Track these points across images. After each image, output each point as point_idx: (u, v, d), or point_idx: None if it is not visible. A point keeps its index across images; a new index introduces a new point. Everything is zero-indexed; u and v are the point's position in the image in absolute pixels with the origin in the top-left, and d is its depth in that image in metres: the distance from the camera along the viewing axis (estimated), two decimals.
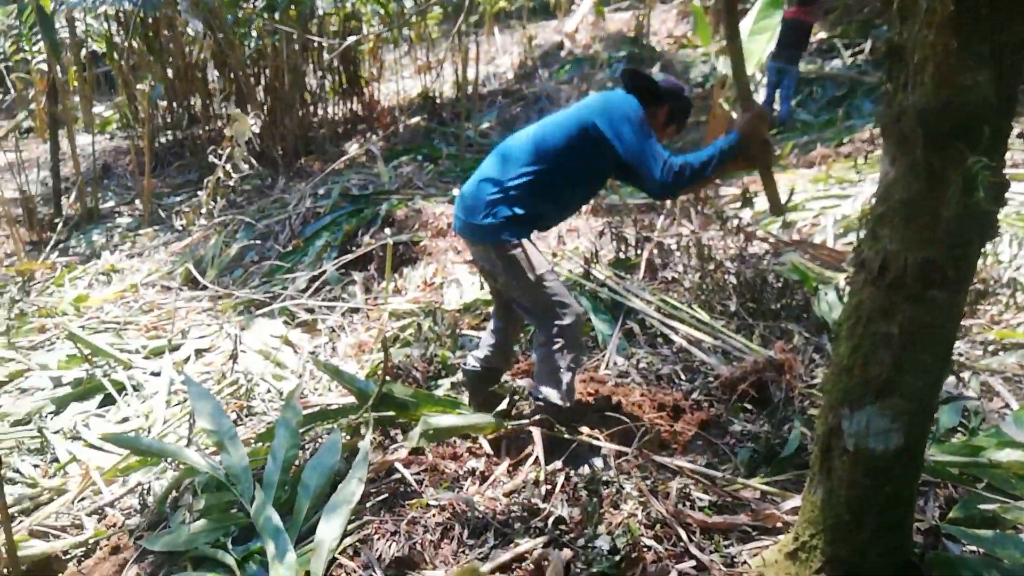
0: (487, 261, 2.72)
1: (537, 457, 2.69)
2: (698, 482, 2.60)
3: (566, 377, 2.67)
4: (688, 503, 2.51)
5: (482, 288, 4.48)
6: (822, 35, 10.02)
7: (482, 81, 10.05)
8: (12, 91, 10.80)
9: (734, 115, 5.33)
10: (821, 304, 3.72)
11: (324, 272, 5.13)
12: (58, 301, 5.67)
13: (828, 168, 5.96)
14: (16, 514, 3.31)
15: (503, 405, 2.88)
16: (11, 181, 8.04)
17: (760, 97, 8.36)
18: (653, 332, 3.61)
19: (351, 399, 3.36)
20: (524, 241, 2.64)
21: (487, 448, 2.87)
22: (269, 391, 4.05)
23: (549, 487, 2.59)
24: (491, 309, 3.17)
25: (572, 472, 2.63)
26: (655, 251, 4.17)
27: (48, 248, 6.97)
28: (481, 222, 2.64)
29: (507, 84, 10.56)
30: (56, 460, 3.70)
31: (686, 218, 4.70)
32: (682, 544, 2.32)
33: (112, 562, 2.90)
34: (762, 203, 5.24)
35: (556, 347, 2.66)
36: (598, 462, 2.70)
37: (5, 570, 3.06)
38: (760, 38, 4.96)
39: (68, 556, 3.09)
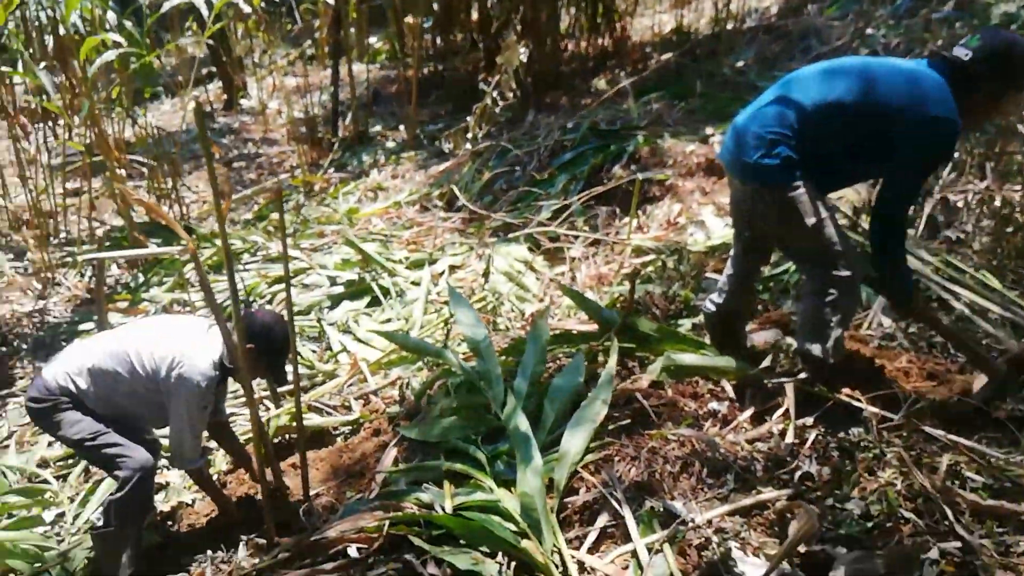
0: (759, 203, 2.55)
1: (787, 410, 2.58)
2: (972, 460, 2.34)
3: (835, 332, 2.49)
4: (957, 481, 2.28)
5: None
6: None
7: (743, 16, 9.44)
8: (299, 22, 12.08)
9: None
10: None
11: (569, 204, 5.22)
12: (333, 212, 6.37)
13: None
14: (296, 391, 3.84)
15: (767, 361, 2.76)
16: (297, 103, 9.07)
17: None
18: (928, 295, 3.26)
19: (589, 328, 3.44)
20: (804, 183, 2.44)
21: (730, 392, 2.80)
22: (512, 310, 4.27)
23: (797, 442, 2.49)
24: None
25: (825, 430, 2.50)
26: (938, 207, 3.73)
27: (326, 164, 7.79)
28: (757, 161, 2.45)
29: (770, 19, 9.83)
30: (330, 348, 4.22)
31: (979, 172, 4.12)
32: (947, 523, 2.12)
33: (374, 442, 3.28)
34: None
35: (828, 299, 2.47)
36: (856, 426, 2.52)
37: (288, 436, 3.59)
38: None
39: (337, 432, 3.55)
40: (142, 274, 5.56)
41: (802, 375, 2.67)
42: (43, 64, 5.66)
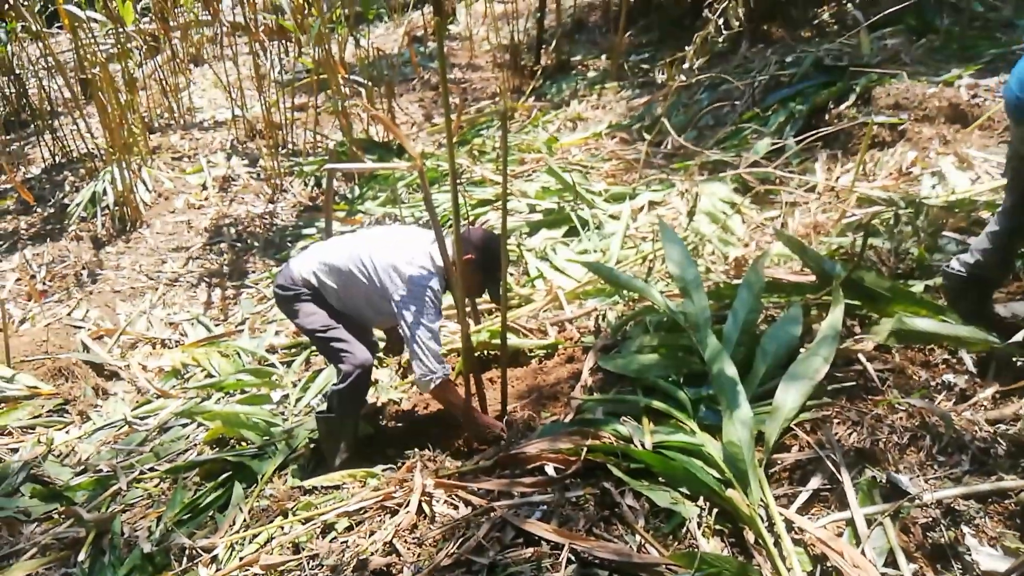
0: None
1: None
2: None
3: None
4: None
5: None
6: None
7: None
8: None
9: None
10: None
11: (783, 144, 4.87)
12: (533, 140, 6.39)
13: None
14: (493, 310, 3.96)
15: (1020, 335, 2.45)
16: (503, 29, 9.10)
17: None
18: None
19: (804, 279, 3.22)
20: None
21: (969, 365, 2.53)
22: (713, 253, 4.10)
23: None
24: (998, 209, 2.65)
25: None
26: None
27: (527, 92, 7.81)
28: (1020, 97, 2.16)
29: None
30: (527, 273, 4.30)
31: None
32: None
33: (567, 369, 3.32)
34: None
35: None
36: None
37: (486, 352, 3.73)
38: None
39: (532, 354, 3.63)
40: (358, 187, 5.93)
41: None
42: None
